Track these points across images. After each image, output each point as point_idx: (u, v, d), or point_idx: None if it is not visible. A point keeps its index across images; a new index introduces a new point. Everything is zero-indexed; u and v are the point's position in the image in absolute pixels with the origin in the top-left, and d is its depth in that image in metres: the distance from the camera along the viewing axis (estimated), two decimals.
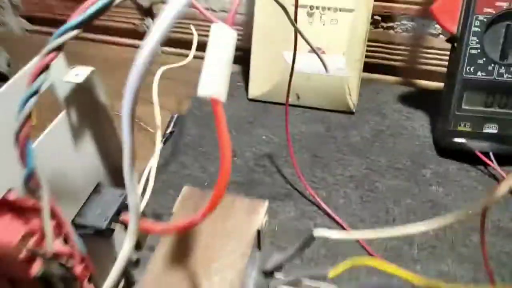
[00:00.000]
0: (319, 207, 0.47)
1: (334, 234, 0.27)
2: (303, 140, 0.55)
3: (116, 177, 0.35)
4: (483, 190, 0.48)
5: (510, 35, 0.47)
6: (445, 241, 0.43)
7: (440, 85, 0.61)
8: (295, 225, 0.45)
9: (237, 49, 0.68)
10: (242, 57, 0.67)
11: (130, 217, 0.20)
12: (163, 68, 0.39)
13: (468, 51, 0.49)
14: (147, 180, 0.32)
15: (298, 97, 0.60)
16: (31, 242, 0.21)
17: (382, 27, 0.64)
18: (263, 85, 0.61)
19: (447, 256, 0.42)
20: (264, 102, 0.61)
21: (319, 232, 0.28)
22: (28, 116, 0.20)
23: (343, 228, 0.44)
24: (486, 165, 0.51)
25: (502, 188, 0.23)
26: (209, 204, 0.19)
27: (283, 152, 0.53)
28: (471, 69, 0.49)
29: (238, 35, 0.70)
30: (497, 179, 0.50)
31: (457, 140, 0.51)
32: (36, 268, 0.22)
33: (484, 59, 0.48)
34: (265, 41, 0.60)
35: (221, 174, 0.18)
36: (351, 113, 0.59)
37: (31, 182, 0.21)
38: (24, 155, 0.21)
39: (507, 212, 0.46)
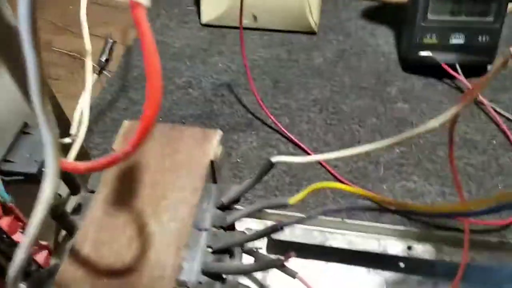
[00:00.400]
0: (282, 134, 0.44)
1: (293, 158, 0.25)
2: (263, 66, 0.52)
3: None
4: (449, 104, 0.47)
5: None
6: (411, 158, 0.42)
7: None
8: (258, 154, 0.43)
9: None
10: None
11: (46, 155, 0.17)
12: None
13: None
14: (82, 114, 0.28)
15: (255, 19, 0.55)
16: None
17: None
18: (217, 7, 0.55)
19: (414, 173, 0.41)
20: (219, 27, 0.56)
21: (276, 158, 0.25)
22: None
23: (307, 154, 0.43)
24: (452, 78, 0.49)
25: (469, 98, 0.20)
26: (136, 135, 0.16)
27: (243, 79, 0.50)
28: None
29: None
30: (464, 92, 0.48)
31: (423, 53, 0.49)
32: None
33: None
34: None
35: (149, 98, 0.15)
36: (313, 33, 0.55)
37: None
38: None
39: (473, 123, 0.45)
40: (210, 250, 0.25)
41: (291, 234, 0.35)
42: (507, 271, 0.32)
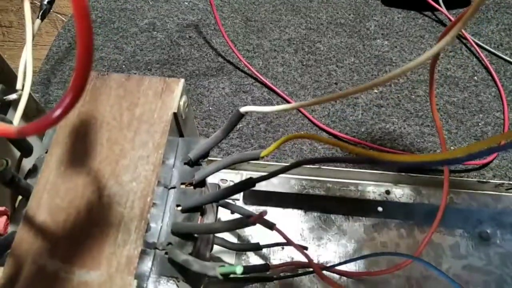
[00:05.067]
0: (256, 79, 0.42)
1: (262, 108, 0.23)
2: (234, 2, 0.48)
3: None
4: (431, 39, 0.45)
5: None
6: (390, 98, 0.40)
7: None
8: (231, 101, 0.40)
9: None
10: None
11: None
12: None
13: None
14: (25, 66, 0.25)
15: None
16: None
17: None
18: None
19: (392, 114, 0.39)
20: None
21: (245, 108, 0.23)
22: None
23: (283, 98, 0.40)
24: (433, 9, 0.46)
25: (451, 35, 0.18)
26: (68, 94, 0.13)
27: (211, 19, 0.46)
28: None
29: None
30: (445, 25, 0.46)
31: None
32: None
33: None
34: None
35: (78, 51, 0.12)
36: None
37: None
38: None
39: (454, 58, 0.43)
40: (179, 209, 0.23)
41: (268, 183, 0.33)
42: (486, 211, 0.32)
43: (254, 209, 0.33)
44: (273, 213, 0.33)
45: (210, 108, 0.40)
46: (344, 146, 0.20)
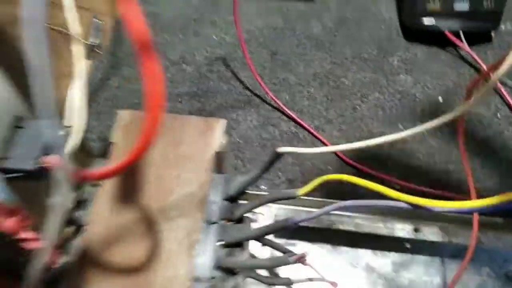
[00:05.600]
0: (283, 112, 0.43)
1: (298, 150, 0.24)
2: (260, 36, 0.49)
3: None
4: (453, 74, 0.46)
5: None
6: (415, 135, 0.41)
7: None
8: (259, 133, 0.42)
9: None
10: None
11: (54, 162, 0.16)
12: None
13: None
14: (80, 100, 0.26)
15: None
16: None
17: None
18: None
19: (418, 151, 0.40)
20: None
21: (283, 149, 0.24)
22: None
23: (309, 132, 0.41)
24: (455, 46, 0.47)
25: (477, 96, 0.19)
26: (141, 141, 0.14)
27: (239, 52, 0.48)
28: None
29: None
30: (467, 61, 0.47)
31: (426, 20, 0.47)
32: None
33: None
34: None
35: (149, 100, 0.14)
36: (310, 0, 0.53)
37: None
38: None
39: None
40: (221, 244, 0.24)
41: None
42: None
43: (283, 242, 0.34)
44: (302, 247, 0.33)
45: (239, 140, 0.41)
46: (388, 193, 0.20)
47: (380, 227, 0.33)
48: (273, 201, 0.25)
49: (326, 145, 0.40)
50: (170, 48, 0.48)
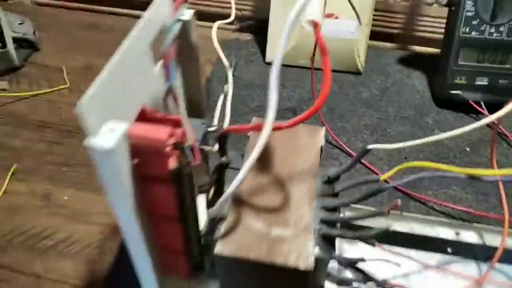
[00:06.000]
0: (341, 149, 0.54)
1: (384, 146, 0.34)
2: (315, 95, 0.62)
3: (191, 109, 0.40)
4: (476, 133, 0.57)
5: None
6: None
7: (432, 50, 0.70)
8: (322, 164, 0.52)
9: (250, 18, 0.75)
10: (255, 26, 0.74)
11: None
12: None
13: (464, 13, 0.57)
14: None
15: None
16: (172, 140, 0.27)
17: None
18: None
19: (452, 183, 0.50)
20: (282, 65, 0.67)
21: (371, 146, 0.35)
22: (174, 38, 0.26)
23: (364, 165, 0.52)
24: (478, 113, 0.59)
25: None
26: (321, 94, 0.25)
27: (303, 106, 0.60)
28: (467, 29, 0.57)
29: (251, 5, 0.76)
30: (489, 125, 0.58)
31: (453, 91, 0.60)
32: (172, 163, 0.28)
33: (478, 20, 0.56)
34: (282, 8, 0.66)
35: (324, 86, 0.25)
36: (359, 73, 0.66)
37: (169, 94, 0.27)
38: (168, 71, 0.27)
39: (496, 149, 0.55)
40: (324, 206, 0.34)
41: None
42: None
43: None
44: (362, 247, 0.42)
45: None
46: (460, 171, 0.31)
47: (428, 230, 0.42)
48: (361, 184, 0.35)
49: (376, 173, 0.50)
50: (250, 100, 0.61)
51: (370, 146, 0.35)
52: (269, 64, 0.68)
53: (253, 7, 0.76)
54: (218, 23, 0.45)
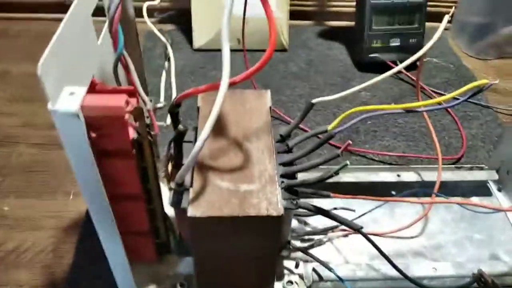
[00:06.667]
0: (282, 120, 0.56)
1: (325, 98, 0.37)
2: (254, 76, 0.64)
3: None
4: (396, 89, 0.63)
5: None
6: (382, 126, 0.56)
7: (345, 23, 0.75)
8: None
9: (170, 9, 0.74)
10: (176, 16, 0.74)
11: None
12: None
13: None
14: None
15: (239, 42, 0.68)
16: (129, 107, 0.27)
17: None
18: (206, 35, 0.68)
19: (385, 136, 0.55)
20: (209, 50, 0.68)
21: (315, 100, 0.37)
22: (117, 7, 0.26)
23: (301, 129, 0.55)
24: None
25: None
26: (263, 59, 0.27)
27: (240, 86, 0.61)
28: None
29: None
30: (404, 80, 0.64)
31: (372, 55, 0.65)
32: (132, 132, 0.28)
33: None
34: None
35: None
36: (285, 50, 0.69)
37: (119, 62, 0.27)
38: (116, 38, 0.26)
39: None
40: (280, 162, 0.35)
41: None
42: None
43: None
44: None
45: None
46: (392, 108, 0.34)
47: (373, 177, 0.46)
48: (311, 136, 0.37)
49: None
50: (185, 87, 0.61)
51: (314, 100, 0.37)
52: (197, 50, 0.69)
53: None
54: (147, 3, 0.45)
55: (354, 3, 0.69)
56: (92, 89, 0.28)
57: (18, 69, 0.63)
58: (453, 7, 0.49)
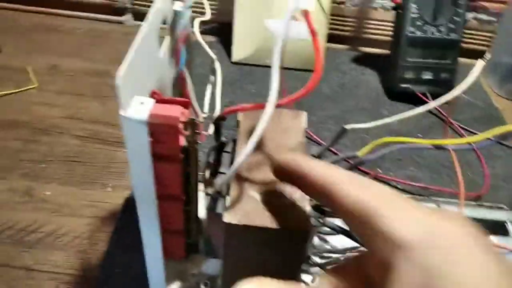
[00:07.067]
0: (311, 139, 0.59)
1: (359, 125, 0.39)
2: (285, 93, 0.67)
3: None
4: (425, 120, 0.64)
5: (439, 1, 0.63)
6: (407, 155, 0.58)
7: (379, 50, 0.77)
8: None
9: (213, 21, 0.78)
10: (217, 28, 0.77)
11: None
12: None
13: (410, 15, 0.64)
14: None
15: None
16: (183, 118, 0.30)
17: (335, 1, 0.78)
18: (246, 50, 0.71)
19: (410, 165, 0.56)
20: (247, 64, 0.71)
21: (349, 126, 0.39)
22: (185, 26, 0.29)
23: (330, 151, 0.57)
24: (425, 103, 0.67)
25: None
26: (314, 74, 0.29)
27: None
28: (412, 29, 0.64)
29: (215, 9, 0.79)
30: (433, 112, 0.66)
31: (403, 85, 0.67)
32: (183, 140, 0.31)
33: (422, 21, 0.64)
34: (247, 10, 0.70)
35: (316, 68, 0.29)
36: None
37: (179, 77, 0.30)
38: (179, 55, 0.29)
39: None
40: None
41: None
42: None
43: None
44: None
45: None
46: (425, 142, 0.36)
47: None
48: (341, 159, 0.40)
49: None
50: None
51: (347, 126, 0.39)
52: (235, 63, 0.72)
53: (215, 10, 0.79)
54: (198, 19, 0.48)
55: (390, 33, 0.71)
56: (152, 98, 0.31)
57: (67, 64, 0.67)
58: (487, 50, 0.51)
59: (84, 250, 0.43)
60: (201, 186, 0.38)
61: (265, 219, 0.32)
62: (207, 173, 0.38)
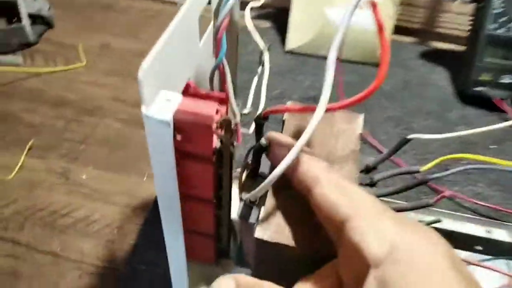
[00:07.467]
0: (365, 141, 0.53)
1: (424, 136, 0.34)
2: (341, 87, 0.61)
3: None
4: (499, 130, 0.56)
5: None
6: None
7: (453, 46, 0.69)
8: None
9: (269, 6, 0.73)
10: (274, 14, 0.72)
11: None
12: None
13: (492, 10, 0.56)
14: None
15: None
16: (218, 117, 0.26)
17: None
18: (301, 38, 0.66)
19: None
20: (301, 54, 0.66)
21: (412, 136, 0.34)
22: (227, 14, 0.25)
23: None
24: (501, 111, 0.58)
25: None
26: (376, 80, 0.24)
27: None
28: (494, 26, 0.56)
29: None
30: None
31: (478, 88, 0.59)
32: (216, 140, 0.27)
33: (506, 17, 0.56)
34: None
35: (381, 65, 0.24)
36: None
37: (218, 69, 0.26)
38: (219, 45, 0.25)
39: None
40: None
41: None
42: None
43: None
44: None
45: None
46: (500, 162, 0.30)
47: (457, 226, 0.41)
48: (400, 174, 0.34)
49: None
50: (271, 88, 0.59)
51: (410, 136, 0.34)
52: (289, 52, 0.67)
53: None
54: (250, 5, 0.44)
55: (467, 28, 0.63)
56: (186, 91, 0.27)
57: (117, 43, 0.66)
58: None
59: (112, 240, 0.41)
60: (235, 189, 0.34)
61: (296, 238, 0.28)
62: (244, 177, 0.34)
